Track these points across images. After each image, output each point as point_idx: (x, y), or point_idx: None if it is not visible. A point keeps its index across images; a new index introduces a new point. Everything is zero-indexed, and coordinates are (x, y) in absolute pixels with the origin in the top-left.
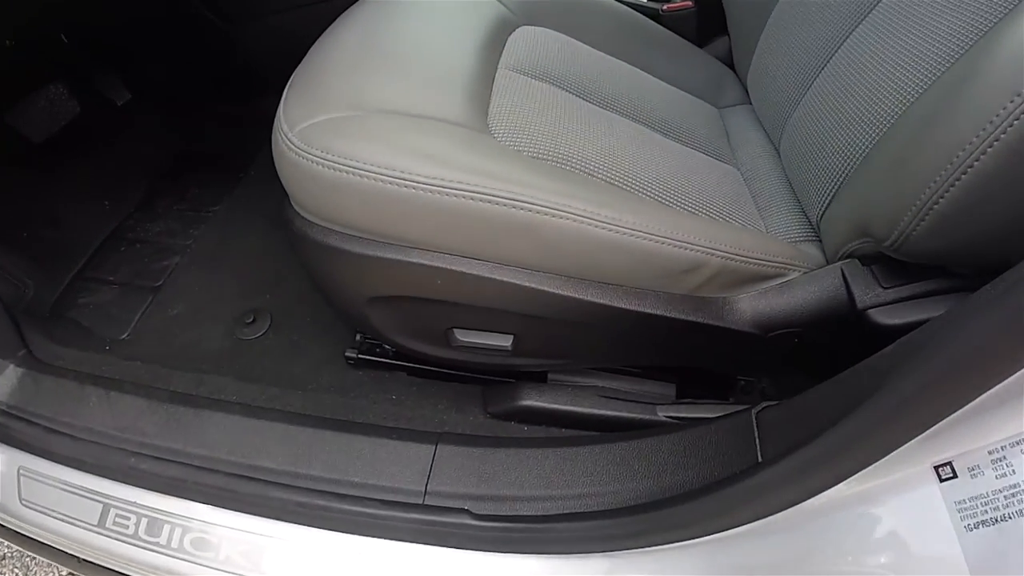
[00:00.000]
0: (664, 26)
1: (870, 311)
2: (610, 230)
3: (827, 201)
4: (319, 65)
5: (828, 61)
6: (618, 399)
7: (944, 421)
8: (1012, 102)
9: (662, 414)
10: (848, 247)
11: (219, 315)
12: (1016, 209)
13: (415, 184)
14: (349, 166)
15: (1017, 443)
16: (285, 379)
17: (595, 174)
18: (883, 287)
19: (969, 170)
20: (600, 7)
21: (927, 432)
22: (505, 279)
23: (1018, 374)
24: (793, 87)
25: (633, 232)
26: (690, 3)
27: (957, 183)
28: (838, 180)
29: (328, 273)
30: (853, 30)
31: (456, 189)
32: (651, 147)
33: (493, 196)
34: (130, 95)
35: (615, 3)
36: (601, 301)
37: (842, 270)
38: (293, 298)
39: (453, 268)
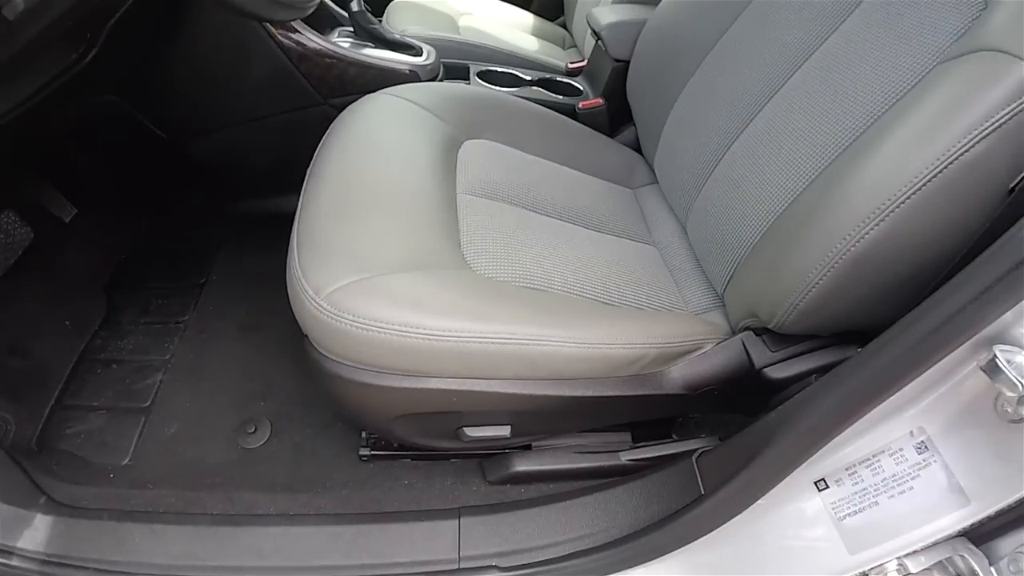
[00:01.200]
0: (580, 121)
1: (765, 370)
2: (578, 347)
3: (726, 281)
4: (317, 222)
5: (720, 159)
6: (589, 452)
7: (818, 453)
8: (869, 218)
9: (624, 458)
10: (744, 322)
11: (218, 428)
12: (862, 301)
13: (433, 337)
14: (377, 327)
15: (863, 461)
16: (301, 482)
17: (557, 289)
18: (771, 351)
19: (829, 273)
20: (527, 112)
21: (807, 461)
22: (504, 390)
23: (864, 417)
24: (693, 180)
25: (594, 346)
26: (601, 101)
27: (819, 283)
28: (732, 267)
29: (357, 401)
30: (741, 132)
31: (465, 337)
32: (589, 247)
33: (493, 339)
34: (76, 209)
35: (539, 107)
36: (573, 394)
37: (742, 341)
38: (286, 402)
39: (465, 388)
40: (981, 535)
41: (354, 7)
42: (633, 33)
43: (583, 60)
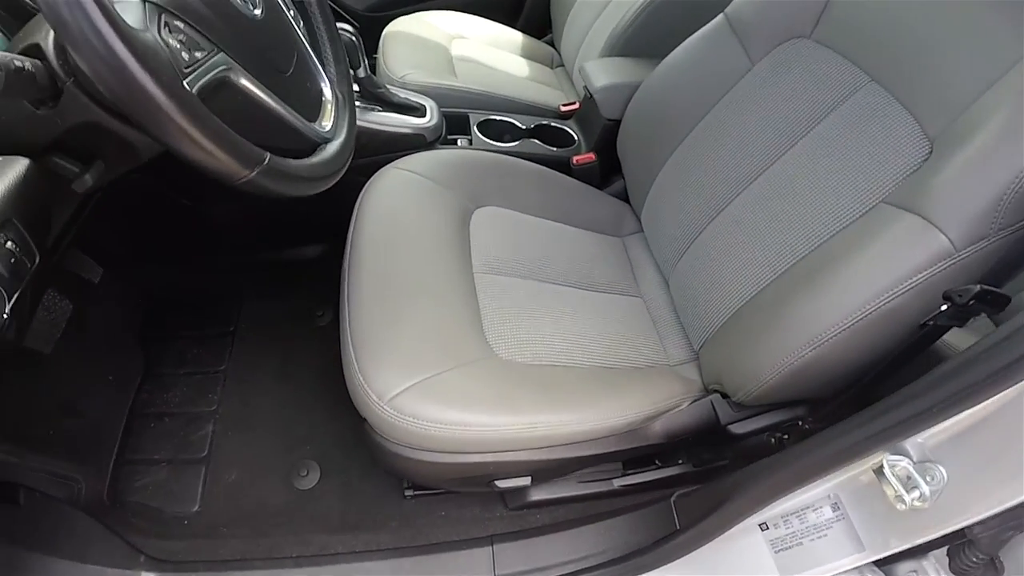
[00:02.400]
0: (574, 174)
1: (729, 426)
2: (588, 425)
3: (700, 343)
4: (366, 325)
5: (699, 235)
6: (588, 480)
7: (764, 505)
8: (809, 343)
9: (617, 484)
10: (713, 385)
11: (273, 472)
12: (805, 389)
13: (477, 429)
14: (434, 426)
15: (794, 513)
16: (354, 518)
17: (568, 363)
18: (734, 412)
19: (776, 375)
20: (526, 172)
21: (757, 511)
22: (530, 458)
23: (800, 490)
24: (675, 245)
25: (600, 421)
26: (593, 156)
27: (768, 381)
28: (705, 334)
29: (410, 470)
30: (716, 216)
31: (501, 428)
32: (589, 312)
33: (522, 427)
34: (102, 269)
35: (536, 167)
36: (581, 454)
37: (712, 402)
38: (330, 445)
39: (499, 460)
40: (884, 561)
41: (361, 73)
42: (626, 95)
43: (574, 103)
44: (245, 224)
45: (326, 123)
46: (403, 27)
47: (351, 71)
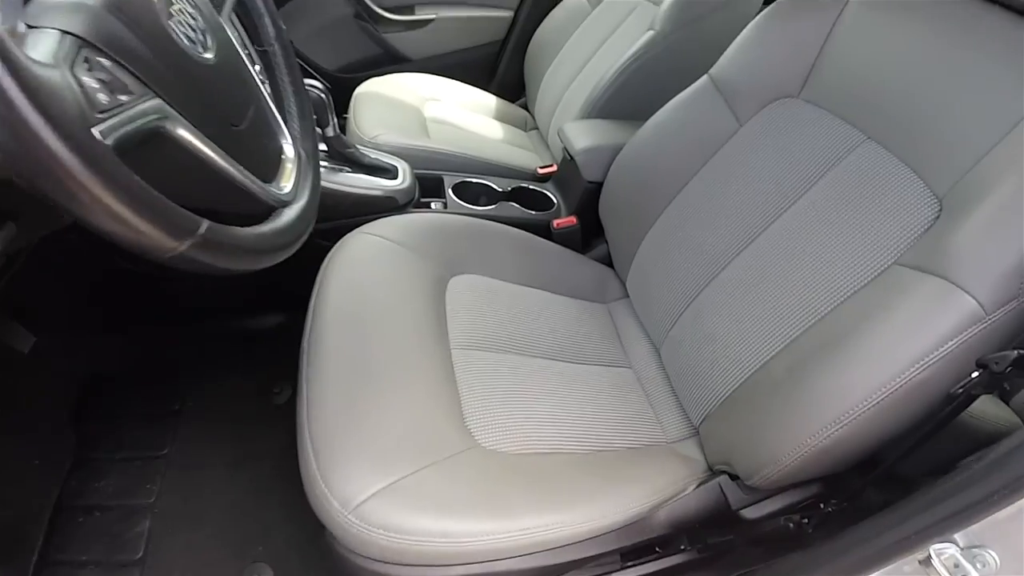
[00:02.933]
0: (555, 239)
1: (741, 511)
2: (584, 525)
3: (700, 418)
4: (328, 418)
5: (692, 301)
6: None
7: None
8: (832, 424)
9: None
10: (720, 466)
11: None
12: (826, 468)
13: (457, 542)
14: (407, 539)
15: None
16: None
17: (558, 448)
18: (745, 494)
19: (796, 459)
20: (505, 238)
21: None
22: (522, 566)
23: None
24: (666, 313)
25: (598, 519)
26: (574, 220)
27: (787, 466)
28: (706, 409)
29: None
30: (711, 280)
31: (486, 538)
32: (577, 388)
33: (511, 535)
34: (35, 337)
35: (515, 231)
36: (580, 556)
37: (720, 485)
38: (284, 546)
39: (486, 571)
40: None
41: (329, 132)
42: (607, 157)
43: (551, 166)
44: (195, 289)
45: (285, 184)
46: (375, 88)
47: (318, 129)
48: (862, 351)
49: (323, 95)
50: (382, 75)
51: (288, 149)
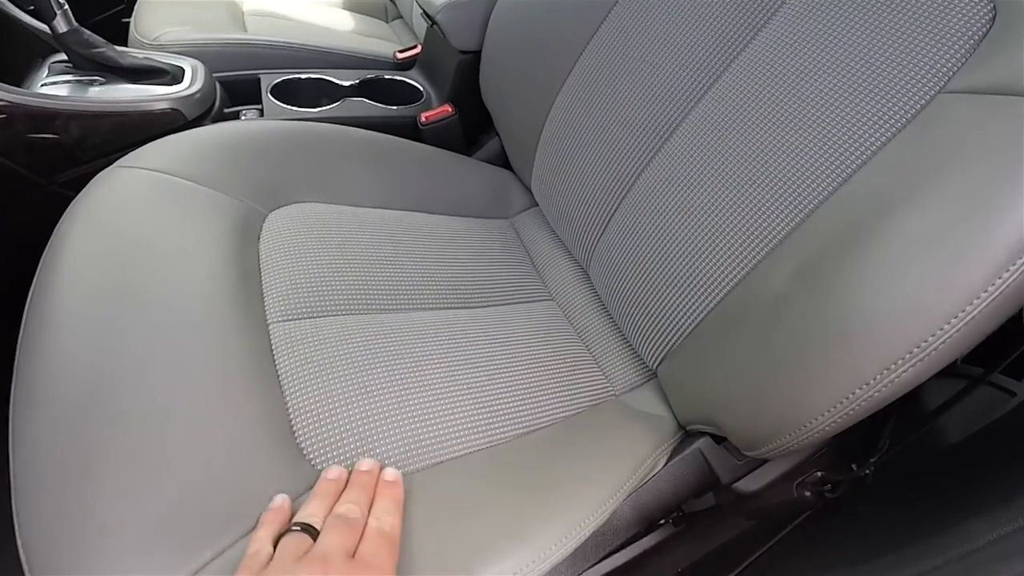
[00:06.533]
0: (426, 139)
1: (735, 484)
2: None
3: (660, 357)
4: (53, 489)
5: (626, 193)
6: None
7: None
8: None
9: None
10: (695, 424)
11: None
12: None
13: None
14: None
15: None
16: None
17: (453, 455)
18: (739, 461)
19: (831, 423)
20: (350, 143)
21: None
22: None
23: None
24: (589, 216)
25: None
26: (449, 108)
27: (812, 434)
28: (664, 347)
29: None
30: (652, 157)
31: None
32: (474, 344)
33: None
34: None
35: (367, 133)
36: None
37: (701, 452)
38: None
39: None
40: None
41: (60, 27)
42: (479, 16)
43: (415, 47)
44: None
45: None
46: None
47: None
48: (915, 241)
49: None
50: None
51: None
